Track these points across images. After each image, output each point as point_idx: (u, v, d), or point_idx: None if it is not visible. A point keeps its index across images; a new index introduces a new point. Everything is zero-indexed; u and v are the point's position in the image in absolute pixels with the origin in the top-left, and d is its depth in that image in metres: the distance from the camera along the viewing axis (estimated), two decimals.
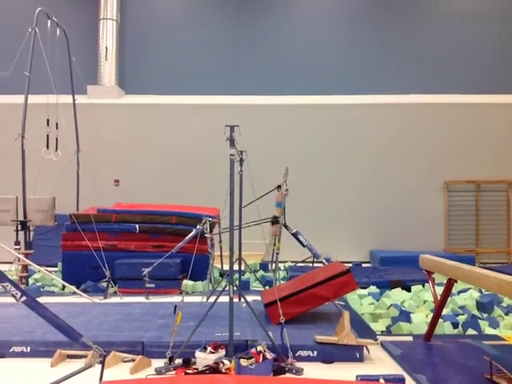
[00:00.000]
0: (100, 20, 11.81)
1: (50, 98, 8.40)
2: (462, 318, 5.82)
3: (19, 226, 8.03)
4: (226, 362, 4.00)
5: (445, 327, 5.49)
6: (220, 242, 8.04)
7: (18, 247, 7.88)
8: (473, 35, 11.85)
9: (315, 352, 4.29)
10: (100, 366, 3.58)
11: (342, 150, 11.34)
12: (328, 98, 11.51)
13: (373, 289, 7.40)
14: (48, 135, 8.85)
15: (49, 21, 8.91)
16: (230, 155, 4.37)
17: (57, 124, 9.04)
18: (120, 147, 11.47)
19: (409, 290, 7.35)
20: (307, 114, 11.38)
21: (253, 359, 3.92)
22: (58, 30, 9.29)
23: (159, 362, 4.12)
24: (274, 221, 7.30)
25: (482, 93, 11.49)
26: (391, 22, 12.03)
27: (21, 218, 8.05)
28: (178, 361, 4.09)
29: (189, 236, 6.75)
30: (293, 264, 9.20)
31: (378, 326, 5.69)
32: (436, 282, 5.80)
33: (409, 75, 11.77)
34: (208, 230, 6.95)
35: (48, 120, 8.78)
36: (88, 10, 11.94)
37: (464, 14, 11.96)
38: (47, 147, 8.81)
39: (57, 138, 9.12)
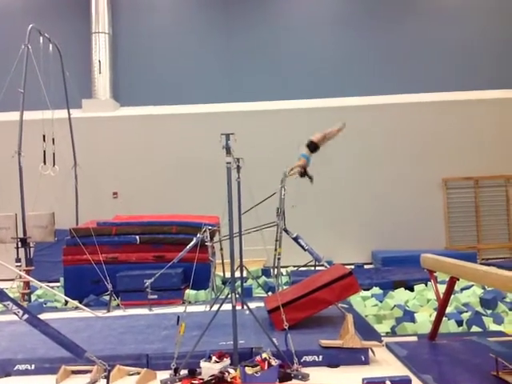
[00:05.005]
0: (92, 34, 11.86)
1: (45, 113, 8.41)
2: (465, 316, 5.81)
3: (19, 243, 8.02)
4: (232, 370, 4.00)
5: (449, 325, 5.48)
6: (221, 249, 8.04)
7: (18, 264, 7.86)
8: (474, 31, 11.85)
9: (320, 357, 4.28)
10: (105, 380, 3.58)
11: (339, 152, 11.24)
12: (323, 101, 11.52)
13: (376, 290, 7.39)
14: (45, 151, 8.84)
15: (41, 37, 8.95)
16: (227, 163, 4.38)
17: (53, 139, 9.05)
18: (117, 159, 11.48)
19: (412, 290, 7.35)
20: (303, 117, 11.37)
21: (258, 367, 3.91)
22: (50, 45, 9.32)
23: (165, 374, 4.09)
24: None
25: (477, 89, 11.53)
26: (390, 21, 12.04)
27: (20, 235, 8.03)
28: (184, 372, 4.08)
29: (189, 245, 6.75)
30: (295, 269, 9.18)
31: (382, 328, 5.69)
32: (439, 279, 5.81)
33: (405, 75, 11.79)
34: (208, 238, 6.94)
35: (44, 136, 8.78)
36: (80, 24, 11.99)
37: (465, 10, 11.98)
38: (44, 163, 8.82)
39: (54, 154, 9.13)
